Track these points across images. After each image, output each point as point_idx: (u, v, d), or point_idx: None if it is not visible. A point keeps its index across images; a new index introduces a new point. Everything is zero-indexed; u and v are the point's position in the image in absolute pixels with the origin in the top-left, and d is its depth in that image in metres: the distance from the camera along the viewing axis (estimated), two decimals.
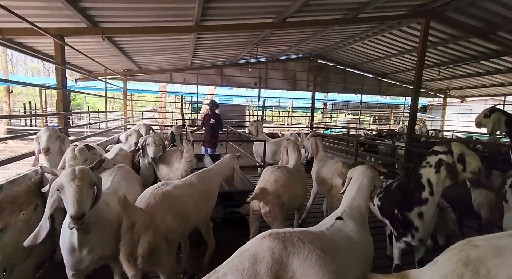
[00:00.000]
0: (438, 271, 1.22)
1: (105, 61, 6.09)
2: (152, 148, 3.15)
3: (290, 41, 7.15)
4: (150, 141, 3.19)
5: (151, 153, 3.15)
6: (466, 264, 1.14)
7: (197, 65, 9.03)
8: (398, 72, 10.14)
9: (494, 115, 3.81)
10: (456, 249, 1.25)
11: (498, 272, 1.05)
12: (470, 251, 1.19)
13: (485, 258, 1.12)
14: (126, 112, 8.32)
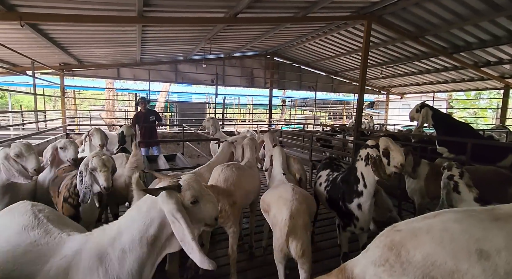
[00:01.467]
0: (369, 257, 1.28)
1: (32, 52, 5.28)
2: (102, 174, 2.04)
3: (244, 38, 7.09)
4: (97, 163, 2.06)
5: (103, 181, 2.04)
6: (391, 248, 1.21)
7: (148, 60, 8.44)
8: (347, 71, 10.84)
9: (424, 110, 4.28)
10: (383, 236, 1.33)
11: (415, 252, 1.12)
12: (394, 236, 1.25)
13: (405, 240, 1.19)
14: (65, 112, 7.39)
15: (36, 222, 1.38)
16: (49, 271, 1.22)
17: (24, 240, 1.30)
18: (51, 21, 3.59)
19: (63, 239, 1.33)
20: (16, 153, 2.07)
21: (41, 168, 2.35)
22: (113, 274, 1.20)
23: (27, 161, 2.10)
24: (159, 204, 1.24)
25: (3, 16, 3.21)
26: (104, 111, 10.98)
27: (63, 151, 2.79)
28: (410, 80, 10.70)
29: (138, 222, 1.26)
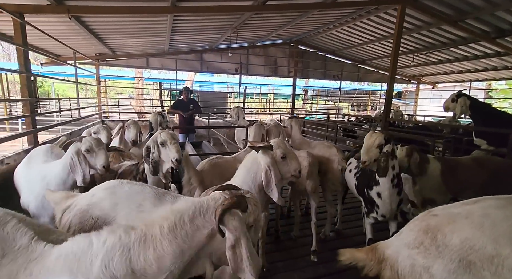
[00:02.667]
0: (402, 240, 1.32)
1: (74, 43, 5.65)
2: (173, 147, 2.20)
3: (270, 26, 7.04)
4: (166, 137, 2.23)
5: (174, 153, 2.20)
6: (426, 231, 1.24)
7: (175, 50, 8.67)
8: (375, 59, 10.39)
9: (461, 99, 4.07)
10: (418, 220, 1.36)
11: (453, 236, 1.16)
12: (430, 220, 1.29)
13: (442, 225, 1.22)
14: (100, 99, 7.89)
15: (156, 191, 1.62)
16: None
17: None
18: (94, 13, 3.84)
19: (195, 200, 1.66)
20: (86, 148, 2.00)
21: (109, 165, 2.23)
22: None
23: (97, 157, 2.03)
24: (258, 159, 1.77)
25: (53, 9, 3.49)
26: (134, 99, 11.52)
27: (96, 136, 2.91)
28: (444, 68, 10.05)
29: (249, 175, 1.79)
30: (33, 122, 3.57)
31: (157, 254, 0.97)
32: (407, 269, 1.24)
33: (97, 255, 0.94)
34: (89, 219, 1.50)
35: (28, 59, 3.47)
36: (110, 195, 1.56)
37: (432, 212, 1.35)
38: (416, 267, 1.21)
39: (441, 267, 1.13)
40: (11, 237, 1.02)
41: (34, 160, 2.34)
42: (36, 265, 0.96)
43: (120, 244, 0.95)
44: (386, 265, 1.32)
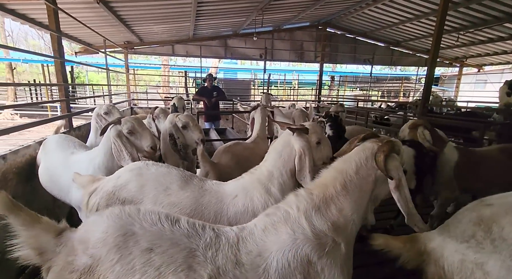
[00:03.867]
0: (449, 233, 1.21)
1: (104, 31, 5.80)
2: (195, 128, 2.32)
3: (297, 6, 6.66)
4: (186, 119, 2.33)
5: (198, 134, 2.31)
6: (478, 223, 1.12)
7: (199, 36, 8.62)
8: (412, 40, 9.53)
9: None
10: (467, 210, 1.24)
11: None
12: (483, 210, 1.16)
13: (498, 215, 1.09)
14: (129, 87, 8.15)
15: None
16: (235, 204, 1.49)
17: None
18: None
19: (222, 184, 1.61)
20: (129, 129, 1.85)
21: (156, 145, 2.11)
22: (278, 198, 1.50)
23: (142, 138, 1.90)
24: (291, 143, 1.58)
25: None
26: (160, 87, 11.81)
27: (108, 116, 2.76)
28: (494, 48, 8.94)
29: (280, 159, 1.59)
30: (68, 107, 3.73)
31: (338, 207, 1.13)
32: (455, 265, 1.11)
33: (300, 218, 1.09)
34: (115, 201, 1.49)
35: (61, 45, 3.57)
36: (136, 177, 1.53)
37: (484, 201, 1.21)
38: (466, 263, 1.08)
39: (498, 264, 1.00)
40: None
41: (58, 154, 2.22)
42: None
43: (312, 207, 1.13)
44: (430, 259, 1.21)
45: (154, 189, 1.49)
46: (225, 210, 1.48)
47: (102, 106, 2.85)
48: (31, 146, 2.66)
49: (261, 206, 1.48)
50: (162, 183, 1.51)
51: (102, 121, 2.80)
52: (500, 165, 2.48)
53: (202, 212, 1.46)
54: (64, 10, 3.60)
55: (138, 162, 1.70)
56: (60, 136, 2.47)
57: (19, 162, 2.44)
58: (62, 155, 2.22)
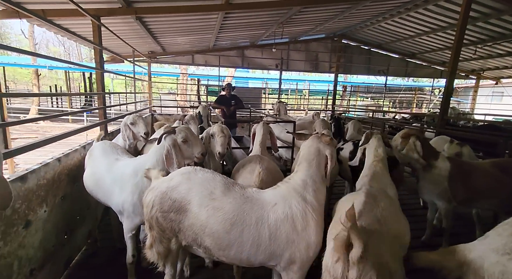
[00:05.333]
0: (489, 245, 1.24)
1: (133, 42, 6.16)
2: (219, 139, 2.46)
3: (316, 20, 6.88)
4: (216, 130, 2.51)
5: (219, 147, 2.46)
6: None
7: (218, 47, 8.95)
8: (428, 52, 9.59)
9: None
10: (507, 224, 1.28)
11: None
12: None
13: None
14: (151, 94, 8.50)
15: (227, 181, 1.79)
16: (275, 211, 1.62)
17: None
18: (158, 13, 4.14)
19: (262, 192, 1.75)
20: (183, 138, 2.07)
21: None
22: (314, 204, 1.66)
23: (193, 146, 2.11)
24: (321, 150, 1.74)
25: (124, 11, 3.85)
26: (178, 94, 12.19)
27: (134, 127, 2.93)
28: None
29: (313, 168, 1.71)
30: (105, 114, 4.00)
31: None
32: (495, 275, 1.18)
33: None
34: (167, 200, 1.66)
35: (102, 57, 3.87)
36: (186, 180, 1.69)
37: None
38: (507, 274, 1.14)
39: None
40: None
41: (103, 160, 2.35)
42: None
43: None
44: (469, 270, 1.26)
45: (199, 193, 1.64)
46: (266, 216, 1.59)
47: (129, 116, 3.03)
48: (78, 150, 2.90)
49: (299, 213, 1.60)
50: (207, 188, 1.65)
51: (127, 131, 3.00)
52: (492, 178, 2.53)
53: (244, 218, 1.58)
54: (106, 26, 3.92)
55: (188, 167, 1.86)
56: (105, 143, 2.65)
57: (69, 164, 2.67)
58: (107, 161, 2.37)
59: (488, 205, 2.69)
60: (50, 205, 2.27)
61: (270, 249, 1.59)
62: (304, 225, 1.59)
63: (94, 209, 2.98)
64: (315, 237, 1.59)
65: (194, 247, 1.73)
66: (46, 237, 2.21)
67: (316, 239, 1.60)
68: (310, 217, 1.61)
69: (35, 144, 2.12)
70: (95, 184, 2.36)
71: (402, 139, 2.69)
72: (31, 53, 2.60)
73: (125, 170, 2.18)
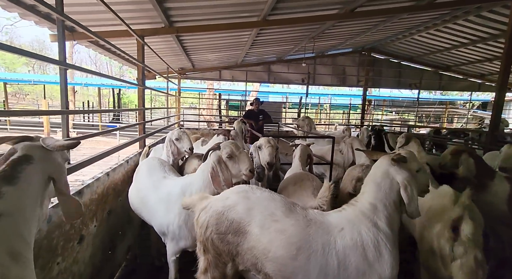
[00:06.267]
0: None
1: (167, 60, 6.42)
2: (267, 150, 2.39)
3: (347, 34, 6.83)
4: (262, 141, 2.50)
5: (266, 156, 2.38)
6: None
7: (246, 62, 9.12)
8: (464, 64, 9.12)
9: None
10: None
11: None
12: None
13: None
14: (180, 110, 8.74)
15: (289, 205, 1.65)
16: (343, 237, 1.46)
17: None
18: (197, 31, 4.29)
19: (325, 215, 1.62)
20: (228, 154, 1.97)
21: (254, 168, 2.64)
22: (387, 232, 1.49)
23: (240, 162, 1.99)
24: (391, 174, 1.56)
25: (166, 31, 4.02)
26: (205, 109, 12.48)
27: (178, 142, 2.89)
28: None
29: (381, 192, 1.55)
30: (144, 129, 4.10)
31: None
32: None
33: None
34: (224, 221, 1.54)
35: (144, 74, 4.02)
36: (243, 199, 1.57)
37: None
38: None
39: None
40: None
41: (150, 177, 2.30)
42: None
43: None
44: None
45: (260, 213, 1.51)
46: (333, 242, 1.43)
47: (174, 131, 3.03)
48: (122, 164, 2.93)
49: (370, 241, 1.42)
50: (268, 208, 1.53)
51: (172, 146, 2.98)
52: None
53: (310, 242, 1.43)
54: (149, 46, 4.09)
55: (243, 185, 1.76)
56: (153, 159, 2.64)
57: (116, 178, 2.69)
58: (154, 178, 2.31)
59: None
60: (99, 219, 2.25)
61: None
62: (377, 256, 1.40)
63: (134, 225, 2.96)
64: (389, 271, 1.39)
65: (252, 273, 1.58)
66: (94, 252, 2.18)
67: (390, 274, 1.40)
68: (383, 246, 1.42)
69: (92, 159, 2.15)
70: (140, 201, 2.31)
71: (452, 156, 2.46)
72: (95, 72, 2.71)
73: (172, 189, 2.10)
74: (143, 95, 4.03)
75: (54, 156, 1.16)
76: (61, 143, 1.14)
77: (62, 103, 1.96)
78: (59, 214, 1.66)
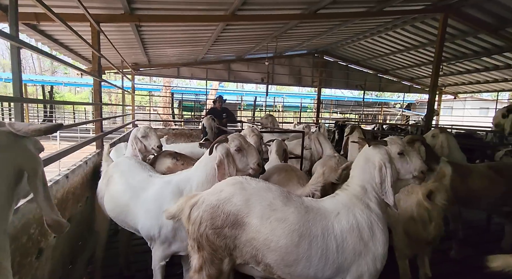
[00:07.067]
0: None
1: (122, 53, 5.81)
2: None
3: (306, 35, 7.19)
4: (246, 131, 2.63)
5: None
6: None
7: (205, 60, 8.86)
8: (399, 69, 10.49)
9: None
10: None
11: None
12: None
13: None
14: (134, 108, 8.02)
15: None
16: (340, 221, 1.53)
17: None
18: (162, 21, 3.97)
19: (320, 201, 1.69)
20: (237, 146, 1.86)
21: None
22: (378, 213, 1.59)
23: (248, 155, 1.90)
24: (370, 157, 1.65)
25: (126, 18, 3.62)
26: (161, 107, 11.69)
27: (145, 139, 2.76)
28: (469, 78, 10.09)
29: (366, 175, 1.64)
30: (101, 127, 3.63)
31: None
32: None
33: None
34: (220, 214, 1.49)
35: (100, 65, 3.56)
36: (240, 190, 1.53)
37: None
38: None
39: None
40: None
41: (133, 179, 2.07)
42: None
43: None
44: None
45: (259, 204, 1.49)
46: (331, 227, 1.49)
47: (139, 128, 2.84)
48: (81, 166, 2.56)
49: (365, 222, 1.51)
50: (266, 198, 1.52)
51: (138, 144, 2.81)
52: (489, 180, 2.77)
53: (310, 228, 1.47)
54: (105, 33, 3.64)
55: (236, 176, 1.70)
56: (130, 158, 2.38)
57: (75, 182, 2.35)
58: (137, 178, 2.08)
59: (485, 205, 2.89)
60: None
61: (337, 262, 1.47)
62: (371, 235, 1.50)
63: (94, 233, 2.61)
64: (381, 249, 1.50)
65: (251, 265, 1.55)
66: (54, 267, 1.88)
67: (382, 250, 1.51)
68: (376, 226, 1.53)
69: (49, 159, 1.81)
70: (123, 206, 2.03)
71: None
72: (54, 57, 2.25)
73: (165, 187, 1.91)
74: (100, 88, 3.57)
75: (26, 144, 0.92)
76: (35, 127, 0.89)
77: (16, 89, 1.59)
78: (15, 224, 1.39)
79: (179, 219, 1.76)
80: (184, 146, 3.77)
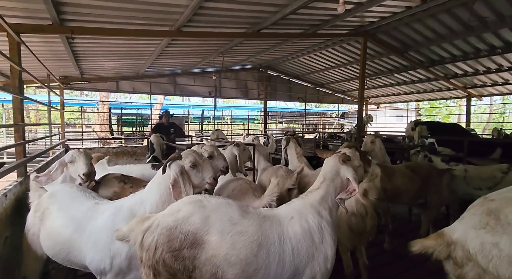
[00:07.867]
0: (467, 223, 1.51)
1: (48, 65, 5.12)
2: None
3: (251, 51, 7.55)
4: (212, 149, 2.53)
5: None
6: (489, 214, 1.44)
7: (149, 73, 8.45)
8: (332, 83, 11.82)
9: (418, 128, 5.07)
10: (477, 205, 1.57)
11: None
12: (489, 204, 1.50)
13: (502, 207, 1.44)
14: (64, 127, 7.04)
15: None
16: (293, 225, 1.64)
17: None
18: (98, 34, 3.67)
19: (276, 209, 1.79)
20: (192, 162, 1.80)
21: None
22: (328, 220, 1.72)
23: (203, 170, 1.85)
24: (341, 172, 1.77)
25: (56, 30, 3.25)
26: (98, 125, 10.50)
27: (71, 165, 2.46)
28: (387, 91, 11.98)
29: (332, 185, 1.75)
30: (24, 151, 3.12)
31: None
32: (477, 247, 1.39)
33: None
34: (178, 235, 1.45)
35: (22, 80, 3.10)
36: (199, 209, 1.53)
37: (488, 198, 1.57)
38: (485, 244, 1.37)
39: (508, 242, 1.32)
40: None
41: (77, 209, 1.86)
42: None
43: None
44: (457, 246, 1.46)
45: (219, 220, 1.51)
46: (286, 231, 1.60)
47: (69, 153, 2.53)
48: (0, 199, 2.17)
49: (315, 226, 1.66)
50: (226, 213, 1.54)
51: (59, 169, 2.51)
52: (408, 177, 3.35)
53: (267, 236, 1.55)
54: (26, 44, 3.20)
55: (194, 195, 1.68)
56: (69, 185, 2.12)
57: None
58: (82, 208, 1.86)
59: (409, 200, 3.48)
60: None
61: (294, 264, 1.57)
62: (321, 238, 1.64)
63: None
64: (330, 250, 1.65)
65: None
66: None
67: (331, 252, 1.65)
68: (325, 230, 1.67)
69: None
70: (67, 241, 1.79)
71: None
72: None
73: (116, 214, 1.76)
74: (22, 107, 3.08)
75: None
76: None
77: None
78: None
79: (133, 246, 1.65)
80: (133, 168, 3.44)
